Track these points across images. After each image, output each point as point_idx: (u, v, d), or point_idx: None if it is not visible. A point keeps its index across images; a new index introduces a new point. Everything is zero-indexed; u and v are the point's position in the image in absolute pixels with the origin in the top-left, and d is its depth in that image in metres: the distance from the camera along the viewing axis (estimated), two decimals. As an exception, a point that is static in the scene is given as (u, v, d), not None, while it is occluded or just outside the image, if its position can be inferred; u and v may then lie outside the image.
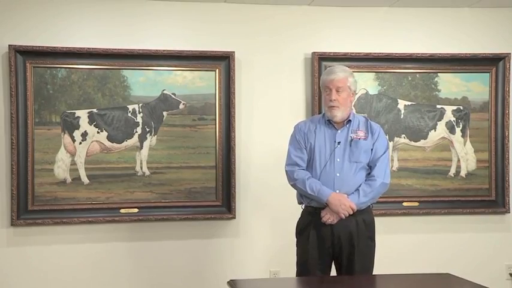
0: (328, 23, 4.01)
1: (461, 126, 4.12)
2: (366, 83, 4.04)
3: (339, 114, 3.06)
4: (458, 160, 4.12)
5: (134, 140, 3.80)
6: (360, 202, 3.02)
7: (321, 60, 3.96)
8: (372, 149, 3.10)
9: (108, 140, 3.77)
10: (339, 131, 3.12)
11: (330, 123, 3.13)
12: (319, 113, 3.95)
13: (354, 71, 3.89)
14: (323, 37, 4.00)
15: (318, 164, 3.09)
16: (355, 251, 3.03)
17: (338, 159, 3.08)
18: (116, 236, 3.79)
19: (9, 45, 3.59)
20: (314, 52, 3.95)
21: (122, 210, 3.77)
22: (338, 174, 3.07)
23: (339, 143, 3.09)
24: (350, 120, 3.12)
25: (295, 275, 3.12)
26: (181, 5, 3.83)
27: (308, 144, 3.13)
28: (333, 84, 3.04)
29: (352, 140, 3.09)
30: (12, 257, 3.67)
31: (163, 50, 3.77)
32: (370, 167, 3.11)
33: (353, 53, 3.98)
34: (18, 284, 3.68)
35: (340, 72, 3.08)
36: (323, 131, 3.14)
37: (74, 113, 3.73)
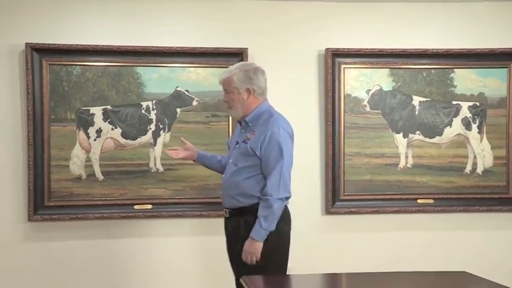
0: (341, 19, 3.80)
1: (477, 122, 3.88)
2: (380, 79, 3.82)
3: (233, 114, 2.92)
4: (475, 157, 3.87)
5: (148, 137, 3.65)
6: (266, 229, 2.71)
7: (334, 57, 3.76)
8: (254, 153, 2.76)
9: (122, 137, 3.63)
10: (243, 131, 2.88)
11: (239, 121, 2.92)
12: (333, 110, 3.76)
13: (367, 67, 3.80)
14: (336, 33, 3.80)
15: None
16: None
17: (230, 160, 2.89)
18: (130, 232, 3.65)
19: (25, 43, 3.47)
20: (327, 48, 3.75)
21: (136, 207, 3.63)
22: (224, 175, 2.90)
23: (237, 143, 2.88)
24: (245, 121, 2.85)
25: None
26: (194, 2, 3.68)
27: None
28: (222, 86, 2.86)
29: (243, 140, 2.85)
30: (29, 252, 3.57)
31: (177, 47, 3.62)
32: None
33: (367, 49, 3.77)
34: (34, 278, 3.57)
35: (224, 74, 2.85)
36: (236, 131, 2.99)
37: (89, 110, 3.60)
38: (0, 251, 3.53)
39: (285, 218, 2.84)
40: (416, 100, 3.85)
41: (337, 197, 3.78)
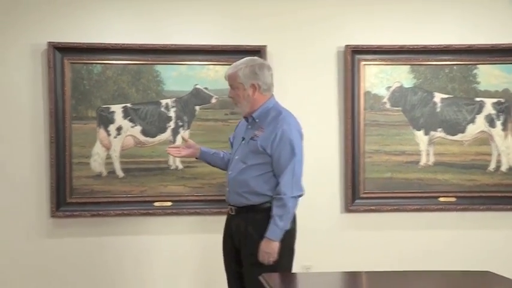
0: (361, 15, 3.75)
1: (502, 119, 3.79)
2: (401, 76, 3.76)
3: (238, 110, 2.88)
4: (499, 154, 3.79)
5: (167, 134, 3.66)
6: (282, 228, 2.71)
7: (354, 54, 3.71)
8: (264, 150, 2.73)
9: (142, 134, 3.65)
10: (249, 127, 2.84)
11: (245, 117, 2.87)
12: (352, 107, 3.72)
13: (388, 64, 3.75)
14: (356, 30, 3.75)
15: (230, 160, 2.91)
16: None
17: (236, 157, 2.83)
18: (150, 229, 3.66)
19: (48, 42, 3.51)
20: (347, 45, 3.70)
21: (156, 204, 3.64)
22: (230, 172, 2.84)
23: (243, 139, 2.83)
24: (252, 117, 2.81)
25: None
26: (213, 0, 3.67)
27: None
28: (227, 81, 2.84)
29: (251, 137, 2.81)
30: (52, 248, 3.61)
31: (196, 45, 3.62)
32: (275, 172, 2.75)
33: (387, 45, 3.71)
34: (57, 274, 3.61)
35: (230, 69, 2.82)
36: (242, 126, 2.93)
37: (109, 108, 3.62)
38: (24, 246, 3.58)
39: None
40: (438, 97, 3.78)
41: (356, 195, 3.74)
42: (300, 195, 2.79)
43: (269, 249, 2.71)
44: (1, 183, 3.55)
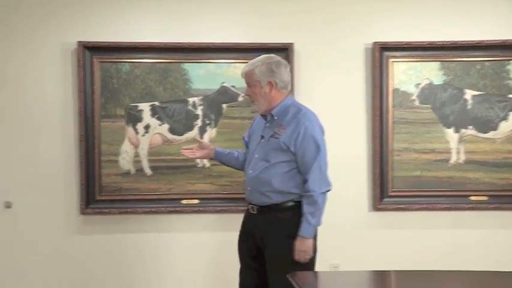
0: (389, 12, 3.70)
1: (535, 116, 3.71)
2: (430, 72, 3.70)
3: (255, 108, 2.86)
4: (533, 152, 3.70)
5: (194, 132, 3.67)
6: (314, 225, 2.74)
7: (382, 51, 3.66)
8: (287, 148, 2.73)
9: (170, 132, 3.66)
10: (267, 125, 2.82)
11: (263, 115, 2.86)
12: (380, 105, 3.68)
13: (417, 61, 3.69)
14: (384, 26, 3.70)
15: (247, 159, 2.89)
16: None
17: (256, 156, 2.81)
18: (177, 227, 3.68)
19: (78, 41, 3.55)
20: (375, 42, 3.66)
21: (183, 201, 3.66)
22: (251, 171, 2.81)
23: (262, 137, 2.81)
24: (271, 114, 2.80)
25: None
26: (241, -2, 3.68)
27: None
28: (244, 79, 2.83)
29: (271, 135, 2.78)
30: (81, 244, 3.65)
31: (223, 43, 3.61)
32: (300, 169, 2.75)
33: (416, 42, 3.66)
34: (85, 270, 3.66)
35: (246, 67, 2.81)
36: (258, 124, 2.91)
37: (137, 106, 3.64)
38: (55, 243, 3.63)
39: None
40: (469, 94, 3.70)
41: (385, 193, 3.69)
42: (328, 190, 2.78)
43: (304, 247, 2.71)
44: (33, 181, 3.60)
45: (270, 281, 2.82)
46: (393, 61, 3.68)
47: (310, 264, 2.81)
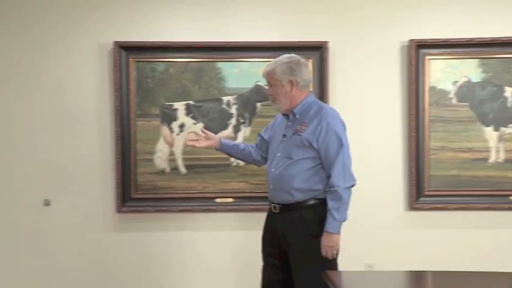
0: (426, 9, 3.65)
1: None
2: (469, 70, 3.63)
3: (277, 107, 2.86)
4: None
5: (229, 131, 3.69)
6: (340, 220, 2.73)
7: (418, 48, 3.61)
8: (310, 144, 2.74)
9: (204, 131, 3.70)
10: (289, 123, 2.83)
11: (285, 114, 2.88)
12: (416, 103, 3.63)
13: (454, 58, 3.63)
14: (421, 23, 3.65)
15: (269, 158, 2.92)
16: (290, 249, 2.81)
17: (278, 154, 2.83)
18: (212, 225, 3.69)
19: (114, 41, 3.60)
20: (411, 39, 3.61)
21: (218, 200, 3.68)
22: (273, 170, 2.83)
23: (284, 136, 2.82)
24: (293, 113, 2.82)
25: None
26: (275, -3, 3.68)
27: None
28: (265, 79, 2.87)
29: (294, 133, 2.78)
30: (118, 242, 3.70)
31: (257, 42, 3.62)
32: (324, 165, 2.76)
33: (454, 39, 3.59)
34: (122, 267, 3.71)
35: (267, 66, 2.84)
36: (280, 124, 2.93)
37: (172, 105, 3.68)
38: (92, 240, 3.69)
39: None
40: (509, 91, 3.63)
41: (421, 193, 3.64)
42: (353, 185, 2.78)
43: (331, 242, 2.72)
44: (71, 179, 3.67)
45: (295, 279, 2.82)
46: (430, 59, 3.62)
47: (332, 262, 2.80)
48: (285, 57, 2.86)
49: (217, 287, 3.70)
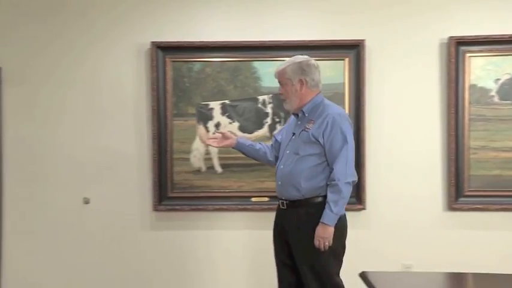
0: (466, 5, 3.58)
1: None
2: (511, 67, 3.54)
3: (287, 107, 2.94)
4: None
5: (264, 130, 3.69)
6: (336, 213, 2.76)
7: (458, 45, 3.55)
8: (316, 140, 2.80)
9: (240, 131, 3.70)
10: (299, 122, 2.91)
11: (295, 114, 2.96)
12: (456, 102, 3.57)
13: (496, 55, 3.55)
14: (460, 20, 3.58)
15: (279, 157, 2.97)
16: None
17: (287, 151, 2.90)
18: (248, 224, 3.70)
19: (151, 42, 3.64)
20: (451, 37, 3.55)
21: (253, 199, 3.69)
22: (282, 166, 2.90)
23: (293, 134, 2.90)
24: (302, 111, 2.88)
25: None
26: (310, -5, 3.66)
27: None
28: (277, 79, 2.95)
29: (302, 130, 2.84)
30: (154, 240, 3.74)
31: (293, 41, 3.61)
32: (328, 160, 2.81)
33: (495, 35, 3.52)
34: (158, 264, 3.74)
35: (280, 66, 2.92)
36: (291, 124, 3.00)
37: (208, 105, 3.71)
38: (129, 238, 3.75)
39: None
40: (555, 89, 3.54)
41: (460, 193, 3.58)
42: (354, 181, 2.81)
43: (325, 234, 2.76)
44: (109, 177, 3.73)
45: (301, 273, 2.86)
46: (470, 56, 3.56)
47: (338, 258, 2.86)
48: (296, 57, 2.95)
49: (255, 287, 3.70)
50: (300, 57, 2.94)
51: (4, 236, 3.74)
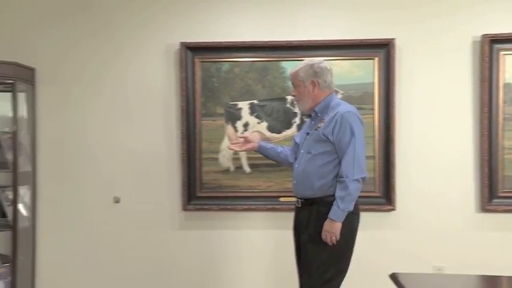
0: (499, 2, 3.51)
1: None
2: (546, 65, 3.47)
3: (301, 108, 3.01)
4: None
5: (292, 130, 3.68)
6: (343, 209, 2.77)
7: (492, 43, 3.48)
8: (327, 138, 2.83)
9: (268, 130, 3.70)
10: (312, 122, 2.98)
11: (309, 115, 3.03)
12: (489, 101, 3.50)
13: (531, 53, 3.47)
14: (494, 18, 3.51)
15: (297, 158, 3.01)
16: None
17: (302, 151, 2.96)
18: (276, 224, 3.69)
19: (180, 42, 3.67)
20: (484, 35, 3.48)
21: (282, 199, 3.68)
22: (296, 166, 2.97)
23: (307, 134, 2.97)
24: (315, 111, 2.94)
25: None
26: (339, -6, 3.64)
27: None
28: (290, 81, 3.01)
29: (314, 129, 2.92)
30: (183, 239, 3.77)
31: (322, 40, 3.59)
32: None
33: (531, 32, 3.45)
34: (187, 264, 3.76)
35: (293, 69, 2.98)
36: (307, 123, 3.06)
37: (236, 105, 3.72)
38: (159, 237, 3.76)
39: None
40: None
41: (494, 194, 3.51)
42: (363, 178, 2.81)
43: (332, 229, 2.79)
44: (138, 177, 3.76)
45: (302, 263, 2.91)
46: (505, 54, 3.49)
47: (344, 257, 2.84)
48: (308, 60, 3.01)
49: (283, 286, 3.70)
50: (313, 60, 3.00)
51: (38, 234, 3.81)
